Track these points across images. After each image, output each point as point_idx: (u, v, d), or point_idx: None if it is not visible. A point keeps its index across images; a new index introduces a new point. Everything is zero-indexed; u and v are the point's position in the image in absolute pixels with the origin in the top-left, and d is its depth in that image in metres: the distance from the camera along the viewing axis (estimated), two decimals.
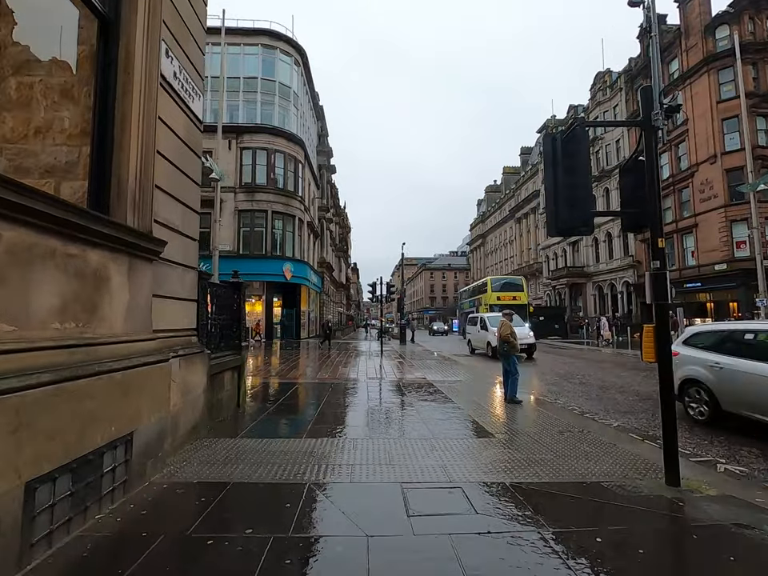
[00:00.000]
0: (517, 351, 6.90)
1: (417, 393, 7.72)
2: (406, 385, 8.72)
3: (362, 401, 6.90)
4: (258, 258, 23.87)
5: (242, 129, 24.52)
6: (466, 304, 34.47)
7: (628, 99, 35.83)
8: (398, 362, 13.73)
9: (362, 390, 7.93)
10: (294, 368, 11.48)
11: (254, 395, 7.28)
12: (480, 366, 13.01)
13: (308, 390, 8.08)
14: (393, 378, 9.75)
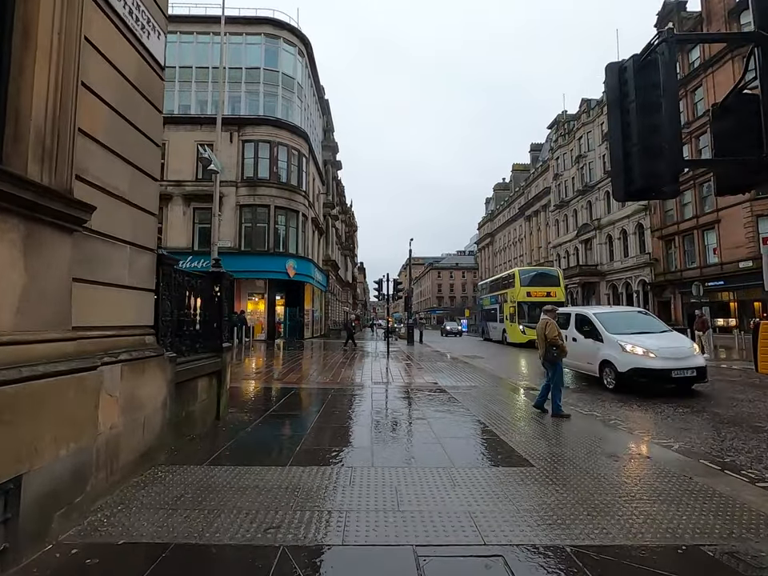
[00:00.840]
0: (565, 355, 5.85)
1: (429, 401, 6.71)
2: (416, 391, 7.70)
3: (365, 412, 5.91)
4: (260, 254, 23.01)
5: (244, 121, 23.67)
6: (486, 300, 30.19)
7: None
8: (406, 364, 12.71)
9: (366, 398, 6.93)
10: (292, 370, 10.52)
11: (240, 404, 6.32)
12: (497, 368, 11.94)
13: (305, 397, 7.11)
14: (401, 383, 8.74)
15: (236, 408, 5.94)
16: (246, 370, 10.58)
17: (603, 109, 39.85)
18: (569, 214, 47.23)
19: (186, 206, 23.10)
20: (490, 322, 28.21)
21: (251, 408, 6.07)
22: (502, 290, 26.07)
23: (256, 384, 8.30)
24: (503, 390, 7.92)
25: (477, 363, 13.28)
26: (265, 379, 8.94)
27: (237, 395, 6.97)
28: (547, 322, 5.85)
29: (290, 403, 6.48)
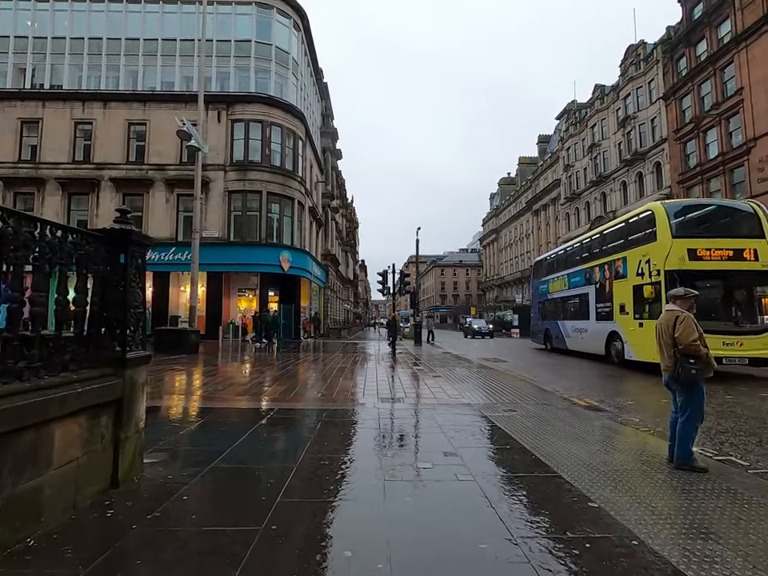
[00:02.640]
0: (711, 371, 3.62)
1: (461, 433, 4.52)
2: (438, 414, 5.51)
3: (365, 460, 3.71)
4: (251, 245, 20.83)
5: (233, 98, 21.46)
6: (557, 283, 17.42)
7: (666, 71, 32.11)
8: (418, 370, 10.52)
9: (370, 429, 4.73)
10: (277, 380, 8.34)
11: (177, 444, 4.13)
12: (546, 379, 9.72)
13: (282, 426, 4.90)
14: (415, 401, 6.54)
15: (165, 453, 3.73)
16: (216, 379, 8.40)
17: (619, 94, 37.59)
18: (580, 207, 44.94)
19: (170, 193, 20.92)
20: (565, 321, 16.15)
21: (191, 453, 3.86)
22: (609, 255, 13.09)
23: (221, 403, 6.10)
24: (571, 417, 5.69)
25: (508, 369, 11.06)
26: (236, 394, 6.75)
27: (183, 424, 4.78)
28: (677, 316, 3.63)
29: (256, 440, 4.26)
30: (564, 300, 16.69)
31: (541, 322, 19.20)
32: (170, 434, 4.32)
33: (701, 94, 28.82)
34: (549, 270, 19.11)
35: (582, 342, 14.55)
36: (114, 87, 21.78)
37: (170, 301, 20.56)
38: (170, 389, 7.23)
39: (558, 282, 17.44)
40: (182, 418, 5.14)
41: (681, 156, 30.40)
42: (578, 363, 12.92)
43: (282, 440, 4.28)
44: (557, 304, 17.52)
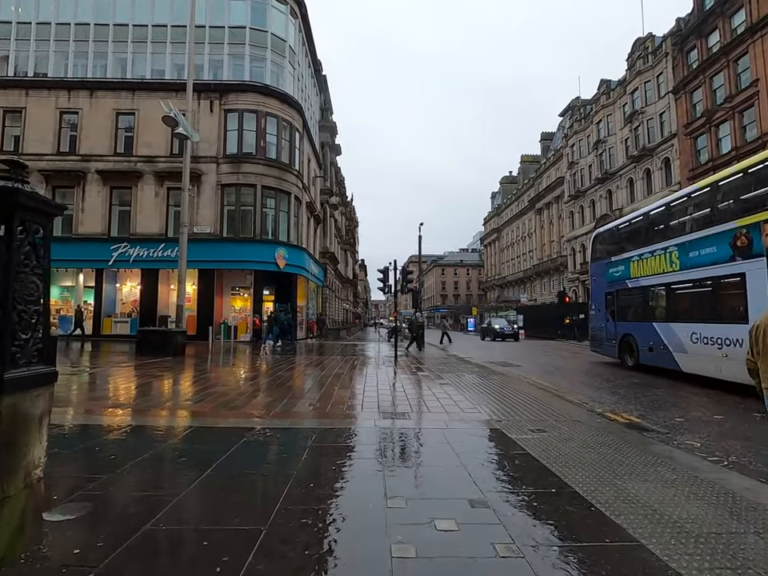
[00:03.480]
0: None
1: (486, 466, 3.53)
2: (453, 435, 4.50)
3: (364, 515, 2.69)
4: (244, 241, 19.82)
5: (227, 87, 20.45)
6: (649, 261, 11.34)
7: (676, 64, 31.11)
8: (423, 376, 9.51)
9: (368, 461, 3.71)
10: (263, 389, 7.34)
11: (107, 486, 3.12)
12: (567, 387, 8.72)
13: (257, 458, 3.87)
14: (422, 416, 5.54)
15: (87, 506, 2.71)
16: (193, 388, 7.39)
17: (626, 88, 36.59)
18: (585, 205, 43.95)
19: (159, 186, 19.90)
20: (676, 323, 10.00)
21: (125, 504, 2.84)
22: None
23: (190, 421, 5.09)
24: (619, 440, 4.67)
25: (519, 372, 10.04)
26: (211, 409, 5.73)
27: (129, 453, 3.75)
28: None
29: (219, 480, 3.23)
30: (672, 290, 10.29)
31: (612, 324, 12.78)
32: (106, 468, 3.30)
33: (713, 87, 27.83)
34: (629, 242, 12.51)
35: (720, 363, 8.06)
36: (101, 75, 20.76)
37: (158, 300, 19.52)
38: (129, 400, 6.22)
39: (653, 259, 10.97)
40: (131, 444, 4.12)
41: (691, 151, 29.41)
42: (597, 369, 11.92)
43: (255, 481, 3.25)
44: (652, 296, 11.19)
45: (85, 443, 4.06)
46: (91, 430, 4.53)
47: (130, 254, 19.31)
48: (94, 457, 3.66)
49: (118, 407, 5.66)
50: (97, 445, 3.99)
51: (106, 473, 3.20)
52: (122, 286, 20.54)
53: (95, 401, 6.00)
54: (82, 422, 4.83)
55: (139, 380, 8.20)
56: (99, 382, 7.83)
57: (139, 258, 19.39)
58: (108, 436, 4.31)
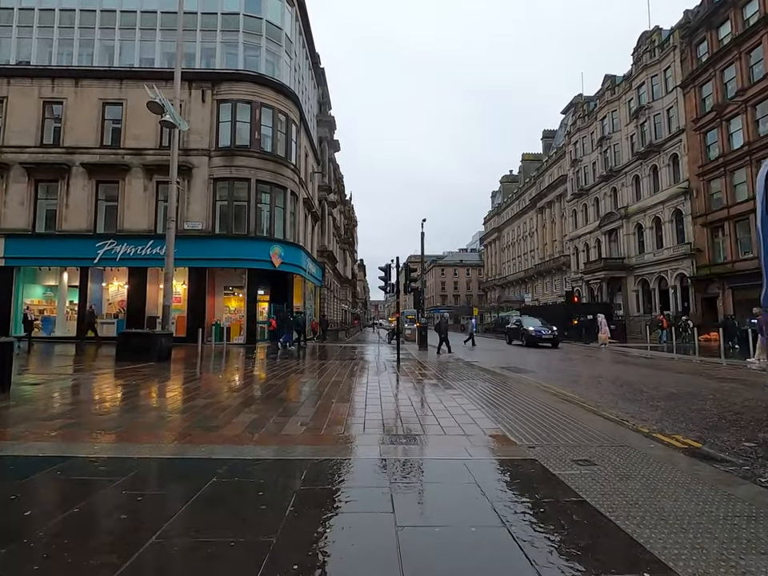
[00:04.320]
0: None
1: (534, 525, 2.57)
2: (479, 471, 3.55)
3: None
4: (238, 238, 18.83)
5: (219, 76, 19.46)
6: None
7: (684, 58, 30.23)
8: (430, 385, 8.55)
9: (373, 517, 2.75)
10: (249, 402, 6.38)
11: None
12: (594, 398, 7.75)
13: (222, 513, 2.87)
14: (437, 440, 4.57)
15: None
16: (165, 400, 6.41)
17: (632, 83, 35.71)
18: (589, 203, 43.07)
19: (148, 180, 18.90)
20: None
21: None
22: None
23: (144, 450, 4.12)
24: (691, 479, 3.72)
25: (533, 379, 9.06)
26: (184, 429, 4.76)
27: (47, 510, 2.78)
28: None
29: (158, 562, 2.27)
30: None
31: None
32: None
33: (723, 80, 26.94)
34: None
35: None
36: (87, 64, 19.74)
37: (147, 300, 18.51)
38: (84, 419, 5.22)
39: None
40: (57, 488, 3.15)
41: (701, 147, 28.52)
42: (624, 376, 10.97)
43: (212, 557, 2.27)
44: None
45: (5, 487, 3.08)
46: (10, 463, 3.56)
47: (117, 251, 18.31)
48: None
49: (64, 429, 4.67)
50: (9, 489, 3.01)
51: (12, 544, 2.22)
52: (108, 285, 19.52)
53: (37, 421, 5.01)
54: (3, 453, 3.84)
55: (108, 391, 7.22)
56: (58, 395, 6.84)
57: (126, 256, 18.39)
58: (28, 475, 3.32)
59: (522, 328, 21.63)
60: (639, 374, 10.48)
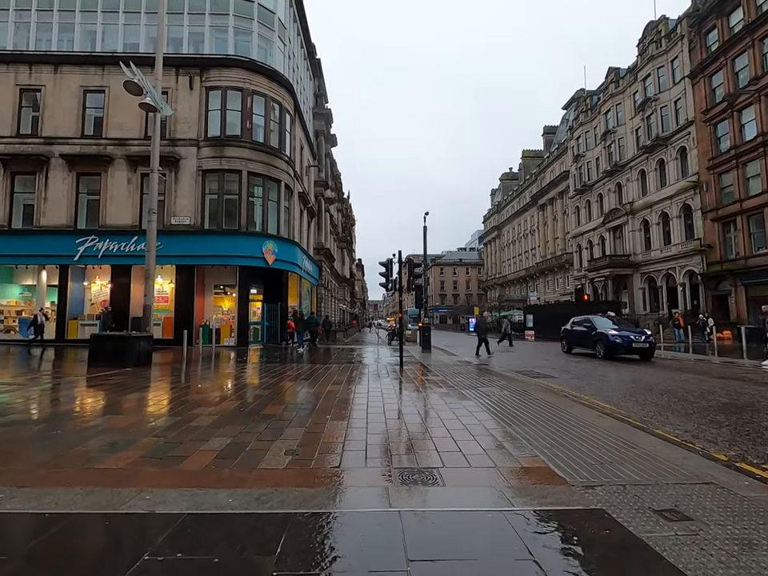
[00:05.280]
0: None
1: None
2: (533, 539, 2.48)
3: None
4: (228, 234, 17.71)
5: (208, 62, 18.32)
6: None
7: (693, 47, 29.21)
8: (441, 393, 7.47)
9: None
10: (226, 422, 5.29)
11: None
12: (633, 409, 6.68)
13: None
14: (461, 476, 3.49)
15: None
16: (132, 418, 5.31)
17: (637, 75, 34.70)
18: (592, 200, 42.07)
19: (132, 172, 17.76)
20: None
21: None
22: None
23: (74, 498, 3.03)
24: None
25: (558, 386, 7.98)
26: (133, 462, 3.67)
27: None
28: None
29: None
30: None
31: None
32: None
33: (735, 69, 25.93)
34: None
35: None
36: (67, 49, 18.58)
37: (132, 300, 17.36)
38: (5, 442, 4.12)
39: None
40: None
41: (711, 139, 27.51)
42: (662, 382, 9.91)
43: None
44: None
45: None
46: None
47: (99, 248, 17.16)
48: None
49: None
50: None
51: None
52: (90, 284, 18.36)
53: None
54: None
55: (59, 405, 6.12)
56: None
57: (109, 253, 17.24)
58: None
59: (597, 332, 14.71)
60: (674, 380, 9.41)
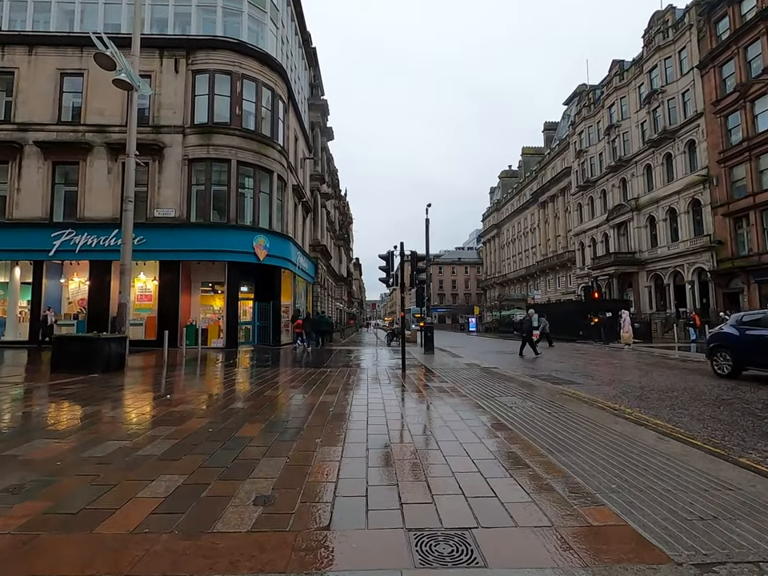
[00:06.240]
0: None
1: None
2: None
3: None
4: (216, 227, 16.53)
5: (195, 43, 17.12)
6: None
7: (702, 36, 28.19)
8: (453, 405, 6.34)
9: None
10: (184, 450, 4.13)
11: None
12: (699, 431, 5.57)
13: None
14: (518, 565, 2.33)
15: None
16: (67, 443, 4.13)
17: (643, 67, 33.69)
18: (595, 196, 41.04)
19: (113, 161, 16.55)
20: None
21: None
22: None
23: None
24: None
25: (588, 395, 6.85)
26: (26, 524, 2.50)
27: None
28: None
29: None
30: None
31: None
32: None
33: (747, 58, 24.92)
34: None
35: None
36: (43, 30, 17.34)
37: (112, 298, 16.10)
38: None
39: None
40: None
41: (722, 131, 26.50)
42: (711, 390, 8.81)
43: None
44: None
45: None
46: None
47: (77, 242, 15.94)
48: None
49: None
50: None
51: None
52: (68, 281, 17.13)
53: None
54: None
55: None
56: None
57: (87, 248, 16.03)
58: None
59: None
60: (721, 387, 8.31)
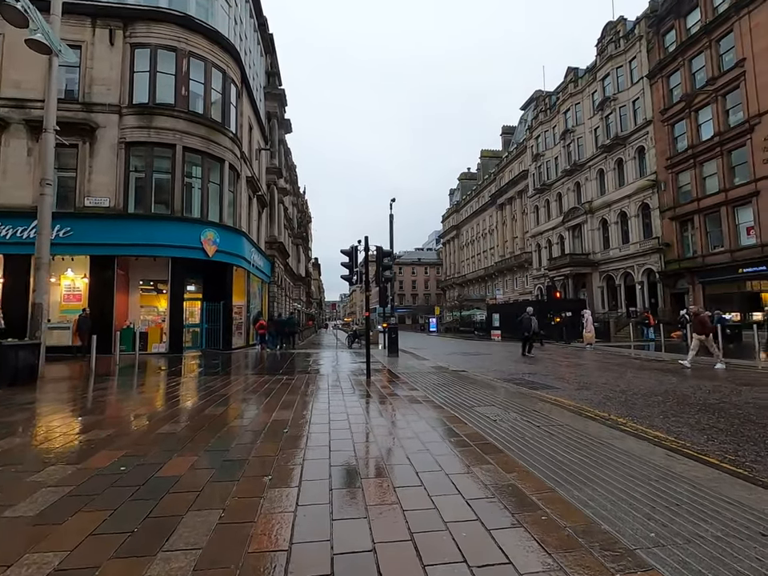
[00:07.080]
0: None
1: None
2: None
3: None
4: (158, 219, 14.86)
5: (134, 13, 15.35)
6: None
7: (651, 48, 29.46)
8: (428, 420, 5.54)
9: None
10: (69, 508, 3.00)
11: None
12: (704, 444, 5.02)
13: None
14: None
15: None
16: None
17: (596, 75, 34.86)
18: (551, 199, 42.17)
19: (33, 141, 14.46)
20: None
21: None
22: None
23: None
24: None
25: (573, 402, 6.28)
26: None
27: None
28: None
29: None
30: None
31: None
32: None
33: (692, 70, 26.23)
34: None
35: None
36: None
37: (30, 299, 14.02)
38: None
39: None
40: None
41: (668, 139, 27.77)
42: (698, 393, 8.52)
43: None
44: None
45: None
46: None
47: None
48: None
49: None
50: None
51: None
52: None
53: None
54: None
55: None
56: None
57: (2, 240, 13.89)
58: None
59: None
60: (702, 389, 8.06)
